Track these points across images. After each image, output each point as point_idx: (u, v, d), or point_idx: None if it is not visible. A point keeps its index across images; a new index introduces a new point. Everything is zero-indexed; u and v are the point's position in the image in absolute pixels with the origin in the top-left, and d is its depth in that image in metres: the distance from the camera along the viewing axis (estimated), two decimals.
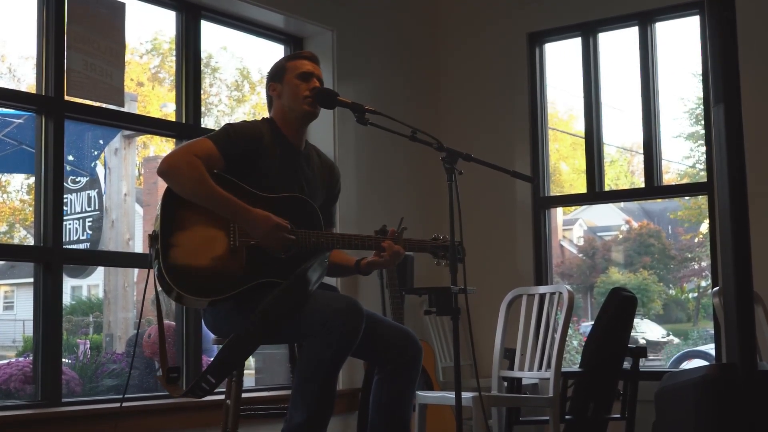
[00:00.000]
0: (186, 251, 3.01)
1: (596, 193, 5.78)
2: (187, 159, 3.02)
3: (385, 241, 3.25)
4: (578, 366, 4.52)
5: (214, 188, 3.01)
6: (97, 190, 7.42)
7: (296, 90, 3.27)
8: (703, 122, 5.60)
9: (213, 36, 5.33)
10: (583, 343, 4.63)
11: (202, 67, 4.94)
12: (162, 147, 9.17)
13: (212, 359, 3.01)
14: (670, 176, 12.35)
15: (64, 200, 4.42)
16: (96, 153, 7.08)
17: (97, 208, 7.42)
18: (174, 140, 4.91)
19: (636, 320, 4.72)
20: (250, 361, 6.54)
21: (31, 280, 4.20)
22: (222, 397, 3.36)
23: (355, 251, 3.35)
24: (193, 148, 3.08)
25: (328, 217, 3.42)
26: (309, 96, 3.26)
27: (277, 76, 3.33)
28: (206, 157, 3.06)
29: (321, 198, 3.36)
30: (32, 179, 5.09)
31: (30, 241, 7.77)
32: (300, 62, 3.32)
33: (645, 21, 5.59)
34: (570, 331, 4.79)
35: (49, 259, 4.11)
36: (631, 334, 4.64)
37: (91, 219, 7.42)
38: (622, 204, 14.63)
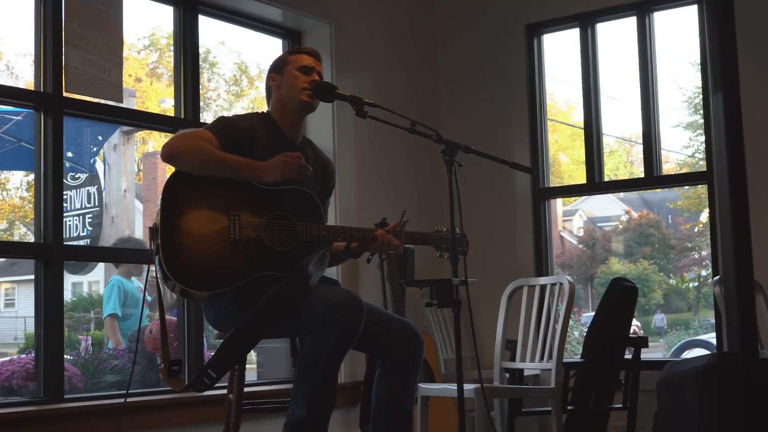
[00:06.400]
0: (187, 244, 3.02)
1: (596, 183, 5.78)
2: (188, 137, 3.08)
3: (378, 230, 3.25)
4: (580, 356, 4.54)
5: (220, 153, 3.07)
6: (96, 187, 7.43)
7: (295, 81, 3.29)
8: (702, 111, 5.60)
9: (210, 31, 5.33)
10: (584, 334, 4.64)
11: (200, 62, 4.93)
12: (161, 143, 9.18)
13: (213, 354, 3.01)
14: (669, 166, 12.36)
15: (64, 197, 4.41)
16: (95, 149, 7.08)
17: (96, 204, 7.43)
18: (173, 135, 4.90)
19: None
20: (252, 356, 6.55)
21: (32, 277, 4.20)
22: (224, 391, 3.36)
23: None
24: (194, 133, 3.11)
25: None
26: (307, 88, 3.28)
27: (278, 67, 3.35)
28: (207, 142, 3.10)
29: (315, 192, 3.37)
30: (32, 176, 5.09)
31: (30, 238, 7.78)
32: (301, 56, 3.35)
33: (643, 11, 5.58)
34: (571, 322, 4.79)
35: (49, 255, 4.11)
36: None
37: (90, 215, 7.43)
38: (621, 194, 14.65)
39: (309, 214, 3.20)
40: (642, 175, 5.66)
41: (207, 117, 8.99)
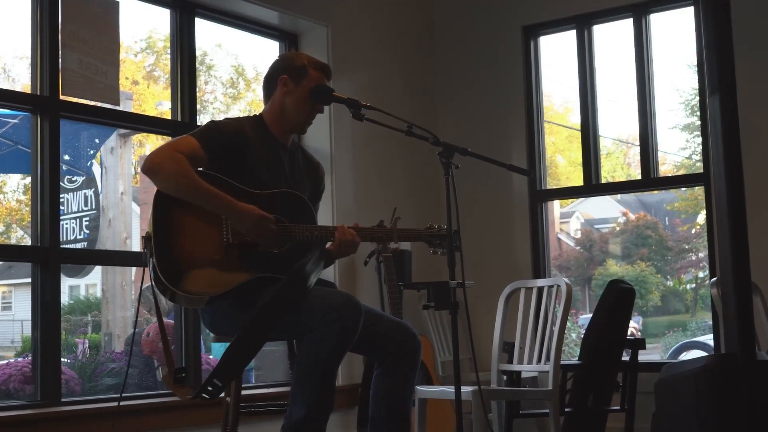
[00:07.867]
0: (180, 250, 3.01)
1: (593, 185, 5.78)
2: (170, 155, 3.02)
3: (338, 228, 3.22)
4: (577, 358, 4.53)
5: (199, 182, 3.01)
6: (93, 190, 7.41)
7: (307, 110, 3.28)
8: (698, 113, 5.60)
9: (207, 33, 5.33)
10: (582, 336, 4.64)
11: (197, 65, 4.93)
12: (158, 146, 9.14)
13: (217, 362, 2.99)
14: (666, 168, 12.35)
15: (61, 200, 4.40)
16: (92, 152, 7.08)
17: (93, 207, 7.41)
18: (170, 138, 4.89)
19: None
20: None
21: (29, 280, 4.19)
22: (222, 394, 3.36)
23: None
24: (177, 145, 3.08)
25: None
26: (311, 123, 3.32)
27: (296, 76, 3.28)
28: (190, 153, 3.06)
29: (307, 195, 3.36)
30: (28, 179, 5.07)
31: (27, 241, 7.77)
32: (322, 77, 3.30)
33: (639, 13, 5.59)
34: (568, 324, 4.79)
35: (46, 258, 4.10)
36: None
37: (88, 218, 7.41)
38: (618, 196, 14.63)
39: (301, 216, 3.20)
40: (639, 177, 5.67)
41: (204, 120, 8.98)
